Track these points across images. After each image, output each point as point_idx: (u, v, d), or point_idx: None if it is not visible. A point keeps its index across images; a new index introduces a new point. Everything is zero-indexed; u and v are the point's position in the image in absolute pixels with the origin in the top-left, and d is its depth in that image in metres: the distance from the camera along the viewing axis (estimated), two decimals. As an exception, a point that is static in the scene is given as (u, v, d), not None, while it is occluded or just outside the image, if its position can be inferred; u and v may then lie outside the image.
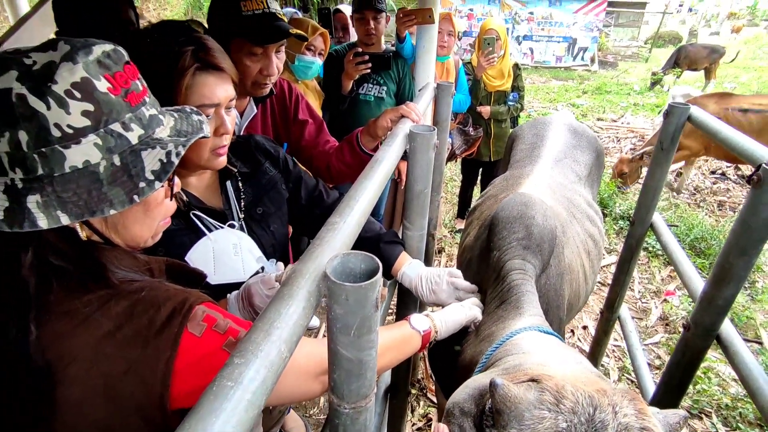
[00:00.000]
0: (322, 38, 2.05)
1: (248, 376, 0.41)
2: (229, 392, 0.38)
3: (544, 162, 1.76)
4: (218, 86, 0.89)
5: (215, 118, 0.91)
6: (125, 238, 0.67)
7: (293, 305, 0.50)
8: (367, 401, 0.62)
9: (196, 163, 0.93)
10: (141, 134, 0.62)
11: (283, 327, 0.47)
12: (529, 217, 1.16)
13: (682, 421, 0.62)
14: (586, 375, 0.69)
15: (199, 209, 0.97)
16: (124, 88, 0.60)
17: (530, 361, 0.74)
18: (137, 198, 0.60)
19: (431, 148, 1.10)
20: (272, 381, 0.43)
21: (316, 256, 0.58)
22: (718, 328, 1.16)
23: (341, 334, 0.55)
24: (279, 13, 1.20)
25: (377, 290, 0.53)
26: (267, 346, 0.44)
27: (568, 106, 8.43)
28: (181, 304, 0.62)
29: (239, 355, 0.42)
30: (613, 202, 4.31)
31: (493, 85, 3.04)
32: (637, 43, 16.57)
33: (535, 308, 0.99)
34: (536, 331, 0.88)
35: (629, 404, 0.60)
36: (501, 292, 1.07)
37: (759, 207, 0.98)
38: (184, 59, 0.83)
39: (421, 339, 0.97)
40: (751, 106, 4.00)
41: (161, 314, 0.60)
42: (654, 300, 3.19)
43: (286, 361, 0.46)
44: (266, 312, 0.49)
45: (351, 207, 0.72)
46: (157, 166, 0.62)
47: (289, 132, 1.55)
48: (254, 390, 0.40)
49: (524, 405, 0.58)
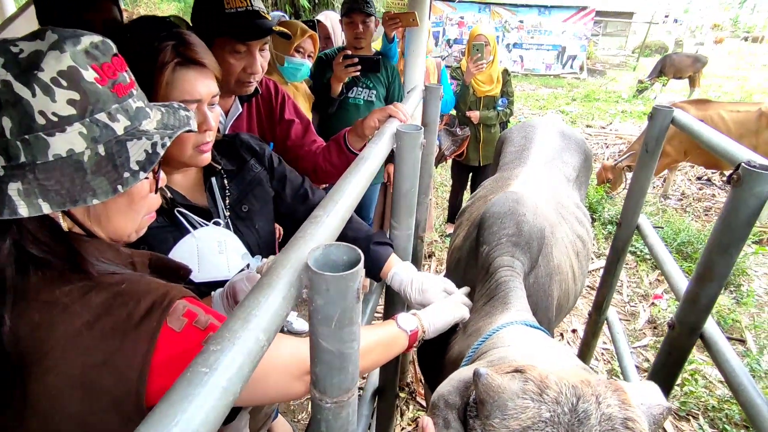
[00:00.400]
0: (312, 40, 2.05)
1: (224, 362, 0.40)
2: (203, 378, 0.38)
3: (532, 164, 1.77)
4: (200, 82, 0.89)
5: (197, 114, 0.90)
6: (108, 231, 0.66)
7: (273, 294, 0.50)
8: (350, 395, 0.62)
9: (179, 159, 0.93)
10: (127, 125, 0.62)
11: (261, 315, 0.46)
12: (519, 213, 1.16)
13: (666, 412, 0.62)
14: (572, 367, 0.69)
15: (184, 206, 0.96)
16: (111, 79, 0.60)
17: (516, 353, 0.74)
18: (121, 188, 0.59)
19: (418, 146, 1.11)
20: (249, 368, 0.43)
21: (298, 248, 0.58)
22: (702, 326, 1.17)
23: (322, 326, 0.55)
24: (262, 11, 1.21)
25: (359, 281, 0.53)
26: (245, 334, 0.44)
27: (558, 113, 8.54)
28: (162, 297, 0.61)
29: (215, 342, 0.42)
30: (601, 206, 4.36)
31: (482, 90, 3.07)
32: (624, 52, 16.88)
33: (523, 303, 0.99)
34: (523, 325, 0.88)
35: (613, 395, 0.60)
36: (489, 288, 1.07)
37: (739, 206, 0.99)
38: (164, 54, 0.83)
39: (408, 339, 0.96)
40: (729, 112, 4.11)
41: (140, 307, 0.59)
42: (642, 303, 3.22)
43: (264, 350, 0.46)
44: (245, 300, 0.48)
45: (335, 201, 0.72)
46: (142, 157, 0.61)
47: (275, 132, 1.54)
48: (230, 377, 0.40)
49: (507, 394, 0.58)
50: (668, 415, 0.63)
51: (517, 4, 13.09)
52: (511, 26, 13.34)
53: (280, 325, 0.49)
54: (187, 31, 0.90)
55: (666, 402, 0.62)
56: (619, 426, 0.56)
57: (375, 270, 1.17)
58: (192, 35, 0.90)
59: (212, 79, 0.93)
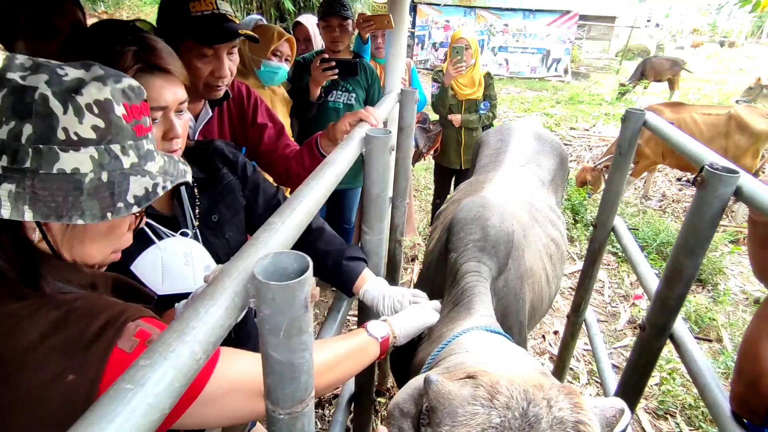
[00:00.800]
0: (289, 44, 2.04)
1: (153, 378, 0.39)
2: (126, 395, 0.36)
3: (507, 167, 1.78)
4: (165, 89, 0.87)
5: (163, 122, 0.88)
6: (75, 255, 0.66)
7: (215, 305, 0.48)
8: (303, 406, 0.60)
9: None
10: (134, 162, 0.64)
11: (199, 327, 0.45)
12: (485, 218, 1.16)
13: (618, 414, 0.62)
14: (528, 371, 0.69)
15: (150, 216, 0.93)
16: (135, 119, 0.64)
17: (471, 359, 0.74)
18: (110, 216, 0.60)
19: (387, 151, 1.10)
20: (181, 384, 0.41)
21: (246, 256, 0.57)
22: (671, 327, 1.18)
23: (270, 336, 0.53)
24: (229, 14, 1.19)
25: (306, 289, 0.52)
26: (179, 347, 0.42)
27: (542, 116, 8.63)
28: (116, 316, 0.59)
29: (146, 357, 0.40)
30: (584, 208, 4.40)
31: (463, 94, 3.08)
32: (608, 56, 17.16)
33: (486, 309, 0.99)
34: (482, 330, 0.88)
35: (565, 398, 0.60)
36: (455, 295, 1.07)
37: (703, 207, 1.00)
38: (125, 59, 0.80)
39: (379, 346, 0.95)
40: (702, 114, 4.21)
41: (93, 327, 0.57)
42: (623, 304, 3.26)
43: (200, 364, 0.44)
44: (184, 311, 0.47)
45: (293, 208, 0.71)
46: (141, 193, 0.64)
47: (247, 136, 1.52)
48: (158, 393, 0.38)
49: (458, 401, 0.57)
50: (621, 416, 0.63)
51: (502, 8, 13.24)
52: (497, 30, 13.48)
53: (221, 338, 0.48)
54: (152, 36, 0.88)
55: (620, 404, 0.62)
56: (570, 429, 0.56)
57: (348, 285, 1.16)
58: (157, 40, 0.88)
59: (179, 86, 0.90)
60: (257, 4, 8.30)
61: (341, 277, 1.15)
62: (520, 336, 1.24)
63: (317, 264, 1.17)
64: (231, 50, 1.26)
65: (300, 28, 2.74)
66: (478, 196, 1.28)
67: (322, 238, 1.16)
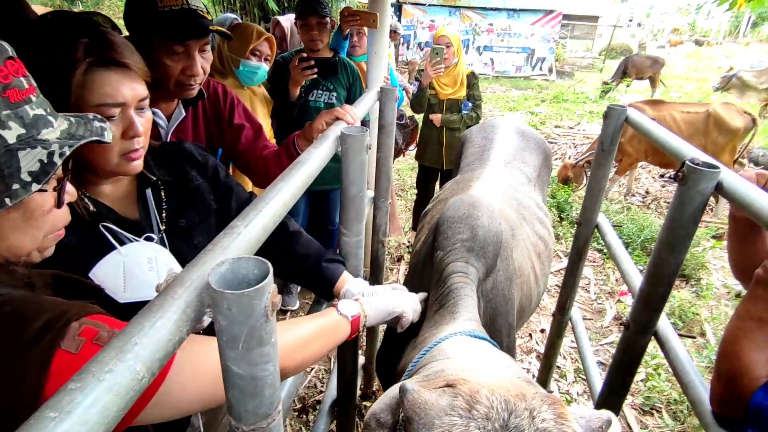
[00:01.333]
0: (268, 43, 2.00)
1: (83, 404, 0.35)
2: (48, 425, 0.32)
3: (493, 164, 1.76)
4: (122, 84, 0.81)
5: (122, 119, 0.83)
6: (3, 249, 0.60)
7: (163, 318, 0.44)
8: (269, 421, 0.57)
9: (104, 168, 0.85)
10: (21, 134, 0.55)
11: (144, 344, 0.41)
12: (474, 218, 1.13)
13: (605, 425, 0.59)
14: (510, 379, 0.66)
15: (112, 220, 0.88)
16: (2, 83, 0.54)
17: (452, 366, 0.71)
18: (9, 201, 0.54)
19: (364, 149, 1.07)
20: (120, 407, 0.37)
21: (202, 263, 0.53)
22: (655, 324, 1.17)
23: (229, 349, 0.50)
24: (200, 9, 1.15)
25: (265, 297, 0.48)
26: (117, 367, 0.38)
27: (527, 114, 8.67)
28: (58, 318, 0.54)
29: (77, 379, 0.36)
30: (569, 206, 4.42)
31: (444, 93, 3.04)
32: (591, 55, 17.36)
33: (471, 312, 0.96)
34: (466, 335, 0.85)
35: (548, 409, 0.57)
36: (440, 296, 1.04)
37: (684, 203, 0.99)
38: (76, 52, 0.75)
39: (350, 325, 0.94)
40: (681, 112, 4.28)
41: (30, 330, 0.52)
42: (609, 301, 3.27)
43: (144, 383, 0.40)
44: (128, 326, 0.43)
45: (258, 210, 0.67)
46: (36, 167, 0.56)
47: (224, 137, 1.48)
48: (89, 420, 0.34)
49: (435, 411, 0.54)
50: (608, 427, 0.60)
51: (486, 8, 13.29)
52: (481, 29, 13.53)
53: (170, 353, 0.44)
54: (107, 29, 0.83)
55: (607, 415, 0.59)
56: None
57: (327, 288, 1.13)
58: (113, 33, 0.83)
59: (138, 82, 0.85)
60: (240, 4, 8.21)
61: (320, 280, 1.11)
62: (509, 338, 1.22)
63: (295, 269, 1.14)
64: (203, 47, 1.21)
65: (278, 27, 2.69)
66: (466, 195, 1.25)
67: (299, 242, 1.13)
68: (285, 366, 0.78)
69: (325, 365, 2.50)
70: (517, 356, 2.66)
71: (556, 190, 4.66)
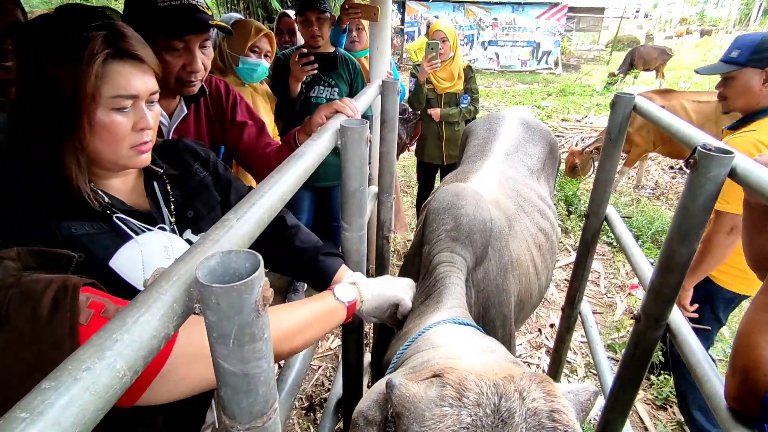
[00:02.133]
0: (267, 39, 1.98)
1: (57, 404, 0.33)
2: (18, 426, 0.30)
3: (494, 156, 1.73)
4: (135, 76, 0.81)
5: (134, 112, 0.83)
6: None
7: (147, 314, 0.42)
8: (264, 420, 0.55)
9: (115, 161, 0.84)
10: None
11: (126, 340, 0.39)
12: (458, 207, 1.11)
13: (593, 396, 0.59)
14: (499, 363, 0.64)
15: (123, 212, 0.88)
16: None
17: (438, 355, 0.69)
18: None
19: (364, 142, 1.04)
20: (99, 407, 0.35)
21: (191, 257, 0.51)
22: (667, 317, 1.14)
23: (219, 345, 0.48)
24: (200, 5, 1.13)
25: (256, 291, 0.46)
26: (97, 365, 0.36)
27: (534, 108, 8.59)
28: (63, 289, 0.55)
29: (51, 377, 0.34)
30: (577, 199, 4.36)
31: (442, 87, 3.01)
32: (598, 47, 17.17)
33: (456, 300, 0.94)
34: (451, 323, 0.82)
35: (537, 387, 0.55)
36: (427, 287, 1.01)
37: (696, 191, 0.95)
38: (93, 44, 0.75)
39: (346, 310, 0.95)
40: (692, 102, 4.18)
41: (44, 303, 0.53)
42: (619, 294, 3.22)
43: (126, 382, 0.38)
44: (109, 323, 0.41)
45: (252, 203, 0.65)
46: None
47: (226, 135, 1.46)
48: (65, 422, 0.32)
49: (424, 403, 0.52)
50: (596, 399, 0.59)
51: (490, 2, 13.20)
52: (486, 24, 13.44)
53: (155, 350, 0.42)
54: (121, 23, 0.83)
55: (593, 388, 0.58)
56: (545, 419, 0.51)
57: (324, 282, 1.12)
58: (126, 27, 0.83)
59: (150, 75, 0.85)
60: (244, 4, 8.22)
61: (318, 274, 1.10)
62: (504, 329, 1.19)
63: (294, 262, 1.13)
64: (204, 43, 1.20)
65: (285, 21, 2.67)
66: (453, 185, 1.22)
67: (297, 236, 1.12)
68: (279, 351, 0.79)
69: (332, 363, 2.48)
70: (527, 351, 2.63)
71: (564, 183, 4.60)
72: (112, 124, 0.79)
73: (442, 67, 2.95)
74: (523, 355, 2.60)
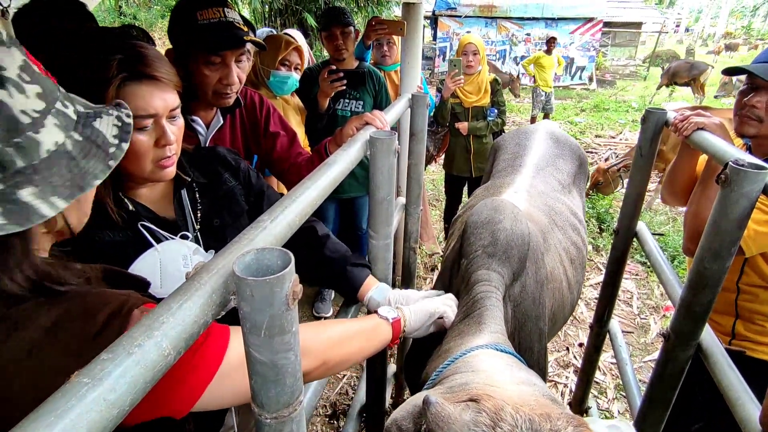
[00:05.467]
0: (297, 53, 2.07)
1: (114, 373, 0.37)
2: (81, 389, 0.35)
3: (525, 171, 1.73)
4: (154, 96, 0.85)
5: (155, 129, 0.87)
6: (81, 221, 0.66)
7: (190, 301, 0.47)
8: (291, 411, 0.58)
9: (139, 175, 0.90)
10: (76, 110, 0.60)
11: (170, 323, 0.44)
12: (496, 221, 1.12)
13: None
14: (536, 397, 0.64)
15: (149, 220, 0.93)
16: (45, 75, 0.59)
17: (477, 380, 0.69)
18: (113, 163, 0.59)
19: (392, 153, 1.08)
20: (147, 380, 0.40)
21: (229, 253, 0.55)
22: (698, 336, 1.11)
23: (251, 335, 0.51)
24: (237, 21, 1.21)
25: (286, 286, 0.50)
26: (146, 343, 0.41)
27: (567, 124, 8.46)
28: (119, 307, 0.58)
29: (109, 350, 0.39)
30: (609, 216, 4.25)
31: (469, 101, 3.04)
32: (634, 62, 16.76)
33: (497, 324, 0.95)
34: (492, 349, 0.83)
35: (573, 431, 0.55)
36: (466, 305, 1.02)
37: (727, 207, 0.94)
38: (110, 68, 0.80)
39: (390, 327, 0.96)
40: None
41: (98, 319, 0.56)
42: (653, 316, 3.10)
43: (170, 361, 0.43)
44: (157, 306, 0.45)
45: (285, 207, 0.69)
46: (116, 131, 0.62)
47: (259, 145, 1.54)
48: (117, 389, 0.37)
49: (458, 426, 0.53)
50: None
51: (523, 18, 13.16)
52: (519, 39, 13.39)
53: (195, 335, 0.47)
54: (140, 42, 0.88)
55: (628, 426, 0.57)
56: None
57: (351, 292, 1.16)
58: (145, 46, 0.87)
59: (169, 92, 0.89)
60: (281, 21, 8.53)
61: (346, 283, 1.14)
62: (540, 343, 1.18)
63: (323, 271, 1.16)
64: (239, 57, 1.27)
65: None
66: (490, 199, 1.24)
67: (327, 245, 1.16)
68: (328, 359, 0.79)
69: (356, 372, 2.50)
70: (554, 370, 2.57)
71: (596, 199, 4.50)
72: (134, 143, 0.83)
73: (470, 80, 2.99)
74: (551, 374, 2.54)
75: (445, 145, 3.25)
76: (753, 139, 1.35)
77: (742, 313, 1.41)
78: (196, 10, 1.17)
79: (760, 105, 1.24)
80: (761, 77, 1.23)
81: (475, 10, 13.02)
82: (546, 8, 12.93)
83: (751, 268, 1.35)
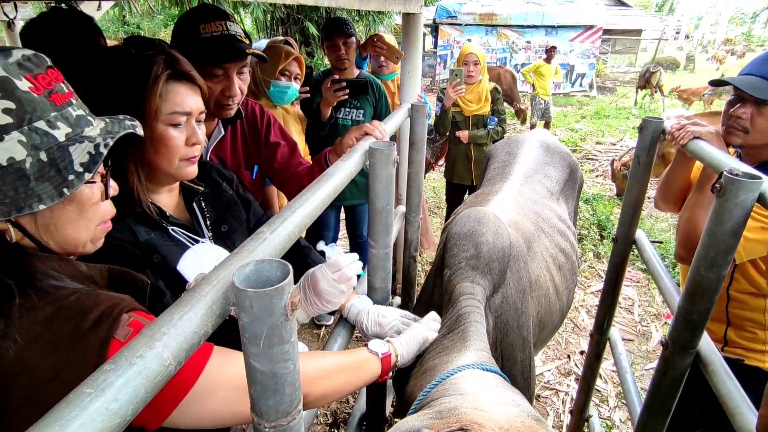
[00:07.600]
0: (297, 63, 2.09)
1: (116, 384, 0.38)
2: (84, 400, 0.36)
3: (514, 179, 1.75)
4: (189, 96, 0.91)
5: (187, 128, 0.92)
6: (59, 241, 0.66)
7: (190, 312, 0.48)
8: (289, 420, 0.59)
9: (167, 170, 0.93)
10: (68, 132, 0.62)
11: (171, 334, 0.45)
12: (479, 234, 1.13)
13: None
14: (522, 419, 0.66)
15: (174, 224, 0.96)
16: (47, 88, 0.61)
17: (465, 404, 0.71)
18: (67, 191, 0.59)
19: (391, 163, 1.10)
20: (149, 390, 0.41)
21: (229, 264, 0.57)
22: (697, 344, 1.11)
23: (251, 345, 0.53)
24: (239, 34, 1.23)
25: (285, 297, 0.51)
26: (148, 353, 0.42)
27: (567, 131, 8.49)
28: (111, 309, 0.59)
29: (112, 361, 0.40)
30: (610, 223, 4.26)
31: (469, 110, 3.08)
32: (635, 69, 16.83)
33: (482, 342, 0.96)
34: (478, 369, 0.84)
35: None
36: (450, 320, 1.03)
37: (723, 216, 0.95)
38: (157, 67, 0.85)
39: (380, 362, 0.95)
40: None
41: (88, 319, 0.58)
42: (654, 323, 3.10)
43: (171, 371, 0.44)
44: (159, 318, 0.47)
45: (284, 218, 0.71)
46: (86, 159, 0.62)
47: (260, 155, 1.55)
48: (120, 399, 0.38)
49: None
50: None
51: (523, 26, 13.25)
52: (519, 47, 13.47)
53: (196, 345, 0.48)
54: (174, 50, 0.94)
55: None
56: None
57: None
58: (179, 54, 0.94)
59: (200, 96, 0.95)
60: (283, 30, 8.62)
61: None
62: (524, 352, 1.19)
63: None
64: (241, 69, 1.29)
65: None
66: (474, 209, 1.25)
67: (309, 255, 1.18)
68: (309, 392, 0.79)
69: (356, 380, 2.50)
70: (555, 378, 2.56)
71: (597, 206, 4.51)
72: (169, 138, 0.88)
73: (470, 89, 3.02)
74: (552, 382, 2.54)
75: (444, 153, 3.28)
76: (741, 148, 1.37)
77: (733, 321, 1.42)
78: (199, 23, 1.20)
79: (745, 116, 1.27)
80: (744, 91, 1.24)
81: (476, 18, 13.12)
82: (546, 16, 13.02)
83: (741, 274, 1.36)
